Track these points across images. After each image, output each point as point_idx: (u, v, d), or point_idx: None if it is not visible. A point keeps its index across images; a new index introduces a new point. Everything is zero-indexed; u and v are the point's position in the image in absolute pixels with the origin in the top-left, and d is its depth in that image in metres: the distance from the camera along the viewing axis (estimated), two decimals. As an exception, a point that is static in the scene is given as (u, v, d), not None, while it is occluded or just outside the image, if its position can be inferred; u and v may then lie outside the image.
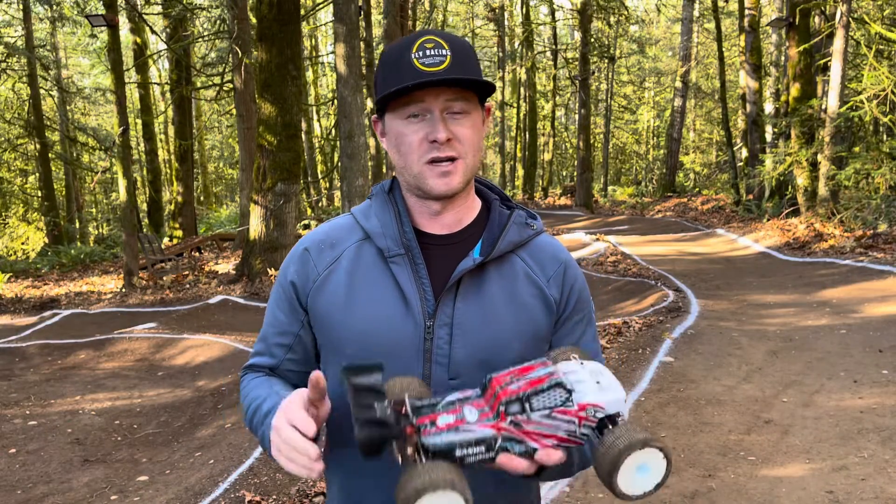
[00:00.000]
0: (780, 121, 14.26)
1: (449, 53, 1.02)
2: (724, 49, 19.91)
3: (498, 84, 25.91)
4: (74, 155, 23.54)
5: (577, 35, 21.07)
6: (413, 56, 1.01)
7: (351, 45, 8.46)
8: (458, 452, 0.86)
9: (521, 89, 26.32)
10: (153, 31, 17.48)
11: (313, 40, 26.53)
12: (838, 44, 11.24)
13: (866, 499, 3.11)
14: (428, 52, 1.01)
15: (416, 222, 1.13)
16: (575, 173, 24.40)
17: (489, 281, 1.10)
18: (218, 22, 17.52)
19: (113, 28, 11.06)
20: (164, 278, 11.36)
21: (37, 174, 20.78)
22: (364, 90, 9.28)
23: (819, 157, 11.97)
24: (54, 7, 18.36)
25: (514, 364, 0.92)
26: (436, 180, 1.05)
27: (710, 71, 29.50)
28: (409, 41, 1.03)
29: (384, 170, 16.68)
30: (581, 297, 1.18)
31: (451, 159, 1.05)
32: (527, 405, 0.86)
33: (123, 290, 10.80)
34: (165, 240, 18.19)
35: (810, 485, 3.28)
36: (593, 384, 0.88)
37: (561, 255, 1.17)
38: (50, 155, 20.03)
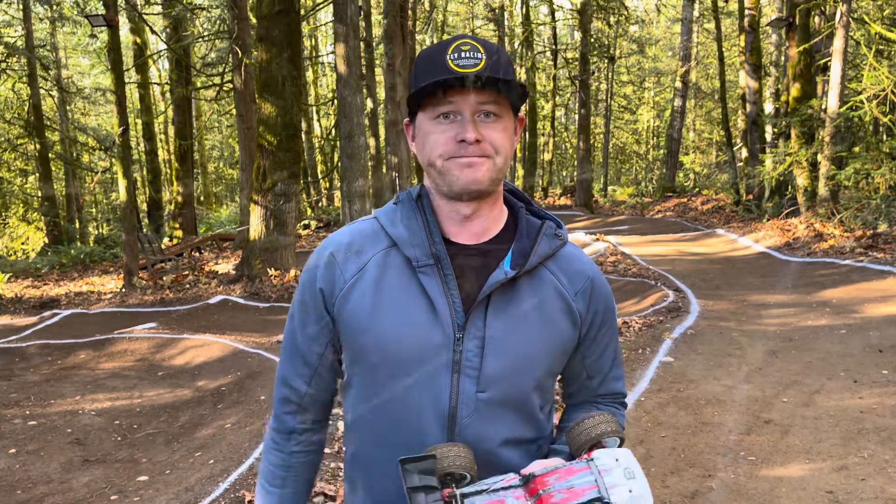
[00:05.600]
0: (780, 121, 14.26)
1: (484, 57, 1.03)
2: (724, 49, 19.92)
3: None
4: (74, 155, 23.54)
5: (577, 35, 21.07)
6: (448, 57, 1.03)
7: (351, 45, 8.46)
8: None
9: (521, 89, 26.27)
10: (153, 31, 17.48)
11: (313, 40, 26.52)
12: (838, 44, 11.24)
13: (866, 499, 3.11)
14: (463, 55, 1.03)
15: (444, 231, 1.12)
16: (575, 173, 24.40)
17: (520, 294, 1.09)
18: (218, 22, 17.54)
19: (113, 28, 11.06)
20: (164, 278, 11.36)
21: (37, 174, 20.77)
22: (364, 90, 9.27)
23: (819, 157, 11.97)
24: (54, 7, 18.38)
25: (538, 379, 1.06)
26: (461, 171, 1.04)
27: (710, 71, 29.49)
28: (447, 43, 1.05)
29: (384, 170, 16.65)
30: (606, 313, 1.18)
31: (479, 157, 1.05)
32: None
33: (123, 290, 10.80)
34: (165, 240, 18.19)
35: (810, 485, 3.28)
36: (626, 492, 0.94)
37: (589, 270, 1.17)
38: (50, 155, 20.03)
